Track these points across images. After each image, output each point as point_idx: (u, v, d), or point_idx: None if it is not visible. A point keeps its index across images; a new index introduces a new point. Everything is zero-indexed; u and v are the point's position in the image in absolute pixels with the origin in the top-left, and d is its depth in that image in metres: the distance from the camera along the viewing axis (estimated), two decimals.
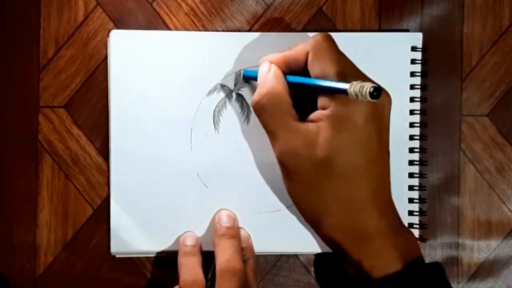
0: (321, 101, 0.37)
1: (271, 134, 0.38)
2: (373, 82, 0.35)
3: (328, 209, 0.37)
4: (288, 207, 0.44)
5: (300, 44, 0.39)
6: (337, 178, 0.36)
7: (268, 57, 0.40)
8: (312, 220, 0.39)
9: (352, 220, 0.37)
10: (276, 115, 0.38)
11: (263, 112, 0.38)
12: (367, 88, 0.32)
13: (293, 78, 0.39)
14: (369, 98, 0.32)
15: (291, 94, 0.38)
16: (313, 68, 0.38)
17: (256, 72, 0.40)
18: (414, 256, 0.37)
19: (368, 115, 0.36)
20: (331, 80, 0.36)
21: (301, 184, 0.38)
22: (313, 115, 0.37)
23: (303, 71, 0.38)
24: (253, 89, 0.43)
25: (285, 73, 0.39)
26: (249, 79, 0.43)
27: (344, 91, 0.34)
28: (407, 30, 0.45)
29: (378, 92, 0.32)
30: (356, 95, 0.33)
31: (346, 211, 0.37)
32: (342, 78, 0.36)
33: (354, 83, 0.33)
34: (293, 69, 0.39)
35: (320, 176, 0.36)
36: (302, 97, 0.38)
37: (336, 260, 0.45)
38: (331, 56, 0.37)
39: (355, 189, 0.36)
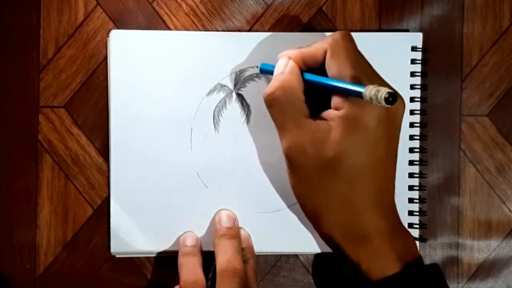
0: (335, 101, 0.37)
1: (280, 128, 0.38)
2: (389, 87, 0.35)
3: (329, 207, 0.37)
4: (288, 207, 0.44)
5: (319, 41, 0.39)
6: (341, 178, 0.36)
7: (286, 52, 0.40)
8: (313, 216, 0.39)
9: (352, 220, 0.37)
10: (287, 110, 0.38)
11: (274, 105, 0.38)
12: (382, 93, 0.32)
13: (310, 76, 0.39)
14: (383, 103, 0.32)
15: (305, 91, 0.38)
16: (330, 67, 0.37)
17: (273, 67, 0.40)
18: (413, 258, 0.37)
19: (381, 120, 0.36)
20: (347, 80, 0.36)
21: (305, 180, 0.38)
22: (325, 114, 0.37)
23: (320, 68, 0.38)
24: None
25: (302, 70, 0.39)
26: (265, 73, 0.43)
27: (359, 94, 0.34)
28: (407, 30, 0.45)
29: (393, 97, 0.32)
30: (371, 99, 0.33)
31: (346, 211, 0.37)
32: (357, 82, 0.36)
33: (370, 87, 0.33)
34: (310, 66, 0.39)
35: (324, 174, 0.36)
36: (316, 94, 0.38)
37: (335, 260, 0.45)
38: (348, 56, 0.37)
39: (357, 190, 0.36)
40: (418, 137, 0.44)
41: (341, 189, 0.37)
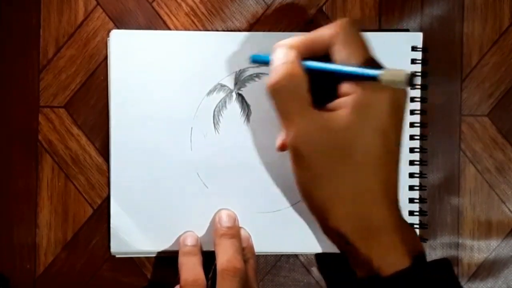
0: (345, 87, 0.36)
1: (285, 118, 0.37)
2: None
3: (340, 198, 0.36)
4: (288, 207, 0.44)
5: (322, 28, 0.37)
6: (352, 166, 0.35)
7: (285, 41, 0.38)
8: (321, 211, 0.37)
9: (363, 212, 0.36)
10: (292, 99, 0.36)
11: (277, 96, 0.37)
12: (402, 75, 0.32)
13: (314, 64, 0.37)
14: (404, 86, 0.32)
15: (308, 80, 0.37)
16: (338, 53, 0.36)
17: (267, 57, 0.39)
18: (419, 251, 0.36)
19: (393, 105, 0.35)
20: (359, 64, 0.35)
21: (314, 171, 0.36)
22: (333, 103, 0.36)
23: (323, 55, 0.37)
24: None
25: (304, 58, 0.38)
26: (258, 63, 0.42)
27: (374, 77, 0.33)
28: (407, 30, 0.45)
29: (414, 79, 0.32)
30: (391, 82, 0.32)
31: (358, 201, 0.36)
32: (368, 58, 0.35)
33: (388, 69, 0.33)
34: (313, 54, 0.38)
35: (334, 162, 0.35)
36: (319, 83, 0.37)
37: (342, 261, 0.44)
38: (359, 41, 0.36)
39: (369, 179, 0.35)
40: (418, 137, 0.44)
41: (352, 177, 0.35)
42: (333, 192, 0.36)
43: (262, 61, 0.41)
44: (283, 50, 0.38)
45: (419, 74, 0.44)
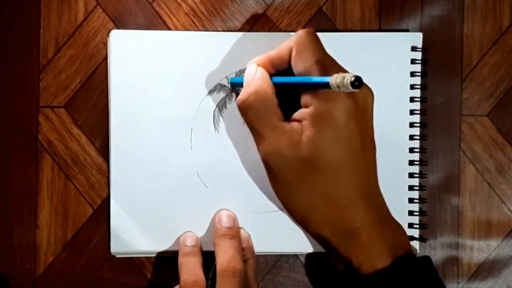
0: (304, 99, 0.37)
1: (256, 133, 0.38)
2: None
3: (315, 206, 0.37)
4: None
5: (284, 42, 0.39)
6: (322, 176, 0.36)
7: (254, 59, 0.40)
8: (301, 219, 0.39)
9: (339, 216, 0.37)
10: (262, 114, 0.38)
11: (249, 111, 0.38)
12: (348, 78, 0.32)
13: (277, 79, 0.39)
14: (350, 88, 0.32)
15: (277, 95, 0.38)
16: (295, 65, 0.38)
17: (242, 79, 0.40)
18: (403, 250, 0.37)
19: (350, 112, 0.36)
20: (313, 74, 0.36)
21: (287, 183, 0.37)
22: (296, 114, 0.37)
23: (289, 69, 0.38)
24: None
25: (271, 74, 0.39)
26: (236, 85, 0.43)
27: (326, 84, 0.34)
28: (407, 30, 0.45)
29: (359, 81, 0.32)
30: (338, 86, 0.33)
31: (332, 207, 0.37)
32: (321, 67, 0.36)
33: (335, 75, 0.33)
34: (279, 68, 0.39)
35: (305, 174, 0.36)
36: (289, 97, 0.38)
37: (327, 258, 0.45)
38: (313, 52, 0.37)
39: (340, 185, 0.36)
40: (418, 137, 0.44)
41: (324, 187, 0.36)
42: (307, 202, 0.37)
43: (239, 83, 0.41)
44: (251, 68, 0.39)
45: (419, 74, 0.44)
